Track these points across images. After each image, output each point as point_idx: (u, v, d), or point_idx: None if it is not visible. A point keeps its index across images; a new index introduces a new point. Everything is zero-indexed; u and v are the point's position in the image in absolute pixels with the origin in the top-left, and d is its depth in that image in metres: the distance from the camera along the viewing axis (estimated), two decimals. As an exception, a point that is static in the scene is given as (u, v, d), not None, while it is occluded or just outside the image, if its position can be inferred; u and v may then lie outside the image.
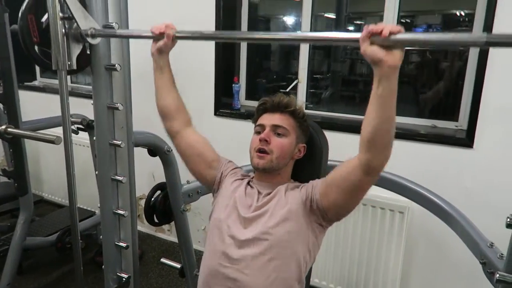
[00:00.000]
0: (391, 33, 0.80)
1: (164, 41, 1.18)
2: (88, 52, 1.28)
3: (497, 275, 0.84)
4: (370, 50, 0.84)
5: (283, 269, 1.16)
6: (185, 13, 2.66)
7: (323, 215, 1.18)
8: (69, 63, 1.21)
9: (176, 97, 1.34)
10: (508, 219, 0.81)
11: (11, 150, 2.04)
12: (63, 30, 1.18)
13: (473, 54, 2.00)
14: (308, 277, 1.37)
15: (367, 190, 1.10)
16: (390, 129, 0.95)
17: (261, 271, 1.15)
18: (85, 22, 1.20)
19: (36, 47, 1.25)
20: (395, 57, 0.84)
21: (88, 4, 1.26)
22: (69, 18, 1.18)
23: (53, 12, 1.15)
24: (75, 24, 1.19)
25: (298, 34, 1.06)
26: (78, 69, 1.27)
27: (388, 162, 1.00)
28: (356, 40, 0.86)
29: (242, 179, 1.35)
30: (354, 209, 1.17)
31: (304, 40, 1.06)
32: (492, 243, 1.30)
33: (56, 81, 1.24)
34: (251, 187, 1.32)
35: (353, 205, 1.15)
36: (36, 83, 3.73)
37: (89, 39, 1.22)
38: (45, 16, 1.21)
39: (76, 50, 1.23)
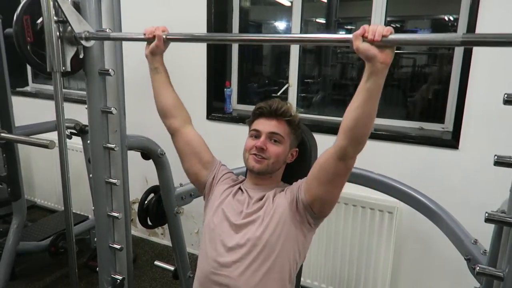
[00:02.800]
0: (383, 36, 0.87)
1: (155, 43, 1.23)
2: (81, 56, 1.31)
3: (477, 268, 0.88)
4: (363, 47, 0.89)
5: (274, 272, 1.20)
6: (177, 19, 2.68)
7: (310, 212, 1.22)
8: (63, 66, 1.24)
9: (173, 95, 1.38)
10: (487, 214, 0.85)
11: (4, 155, 2.05)
12: (58, 33, 1.21)
13: (458, 58, 2.06)
14: (298, 276, 1.40)
15: (344, 178, 1.14)
16: (370, 123, 1.01)
17: (252, 276, 1.18)
18: (79, 25, 1.23)
19: (29, 48, 1.27)
20: (387, 55, 0.90)
21: (82, 9, 1.29)
22: (64, 22, 1.21)
23: (48, 16, 1.18)
24: (69, 27, 1.22)
25: (291, 35, 1.10)
26: (71, 72, 1.30)
27: (366, 155, 1.07)
28: (348, 40, 0.91)
29: (233, 185, 1.38)
30: (336, 202, 1.22)
31: (297, 41, 1.10)
32: (476, 240, 1.35)
33: (48, 87, 1.27)
34: (242, 191, 1.35)
35: (335, 196, 1.19)
36: (28, 88, 3.72)
37: (83, 42, 1.25)
38: (40, 19, 1.23)
39: (70, 52, 1.27)
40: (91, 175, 1.49)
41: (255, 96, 2.99)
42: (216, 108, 2.71)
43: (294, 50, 2.59)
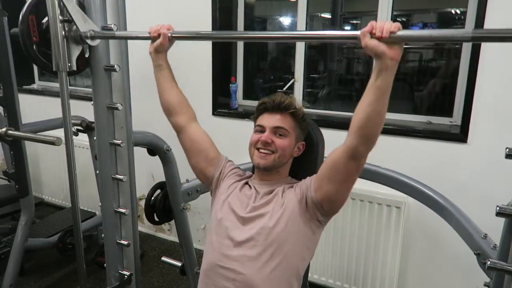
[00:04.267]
0: (391, 32, 0.86)
1: (161, 41, 1.23)
2: (87, 55, 1.31)
3: (488, 263, 0.87)
4: (371, 44, 0.88)
5: (281, 268, 1.19)
6: (181, 14, 2.68)
7: (319, 210, 1.21)
8: (69, 64, 1.25)
9: (177, 92, 1.38)
10: (498, 208, 0.84)
11: (11, 152, 2.06)
12: (63, 33, 1.21)
13: (466, 52, 2.03)
14: (306, 272, 1.39)
15: (355, 177, 1.13)
16: (380, 121, 1.01)
17: (260, 271, 1.17)
18: (84, 24, 1.24)
19: (35, 47, 1.27)
20: (396, 51, 0.88)
21: (87, 7, 1.29)
22: (69, 21, 1.22)
23: (53, 15, 1.19)
24: (75, 26, 1.22)
25: (297, 32, 1.08)
26: (77, 71, 1.31)
27: (373, 149, 1.06)
28: (356, 37, 0.90)
29: (240, 180, 1.38)
30: (347, 200, 1.21)
31: (302, 38, 1.07)
32: (485, 234, 1.34)
33: (54, 84, 1.28)
34: (250, 187, 1.35)
35: (345, 195, 1.18)
36: (34, 86, 3.74)
37: (89, 41, 1.25)
38: (46, 18, 1.24)
39: (76, 51, 1.27)
40: (97, 172, 1.50)
41: (261, 92, 2.98)
42: (222, 104, 2.71)
43: (300, 45, 2.57)
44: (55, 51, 1.22)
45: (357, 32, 0.89)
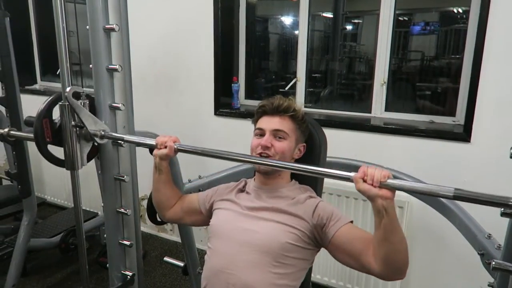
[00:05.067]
0: (381, 182, 0.91)
1: (167, 152, 1.28)
2: (96, 144, 1.38)
3: (493, 263, 0.87)
4: (364, 188, 0.93)
5: (281, 277, 1.18)
6: (183, 14, 2.69)
7: (322, 245, 1.21)
8: (81, 163, 1.35)
9: (169, 192, 1.44)
10: (502, 208, 0.83)
11: (14, 152, 2.06)
12: (75, 136, 1.31)
13: (469, 51, 2.02)
14: (308, 272, 1.39)
15: None
16: (402, 253, 0.99)
17: (260, 277, 1.17)
18: (95, 126, 1.31)
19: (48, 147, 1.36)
20: (387, 191, 0.92)
21: (88, 5, 1.29)
22: (81, 127, 1.30)
23: (66, 121, 1.28)
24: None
25: (299, 165, 1.14)
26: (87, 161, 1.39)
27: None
28: (349, 179, 0.96)
29: (230, 191, 1.39)
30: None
31: (303, 170, 1.13)
32: (489, 234, 1.33)
33: (56, 84, 1.29)
34: (247, 193, 1.35)
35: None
36: (37, 86, 3.74)
37: (98, 140, 1.33)
38: (58, 118, 1.31)
39: (87, 148, 1.36)
40: (100, 172, 1.50)
41: (263, 91, 2.98)
42: (224, 104, 2.71)
43: (302, 45, 2.57)
44: (68, 153, 1.32)
45: (351, 174, 0.95)
